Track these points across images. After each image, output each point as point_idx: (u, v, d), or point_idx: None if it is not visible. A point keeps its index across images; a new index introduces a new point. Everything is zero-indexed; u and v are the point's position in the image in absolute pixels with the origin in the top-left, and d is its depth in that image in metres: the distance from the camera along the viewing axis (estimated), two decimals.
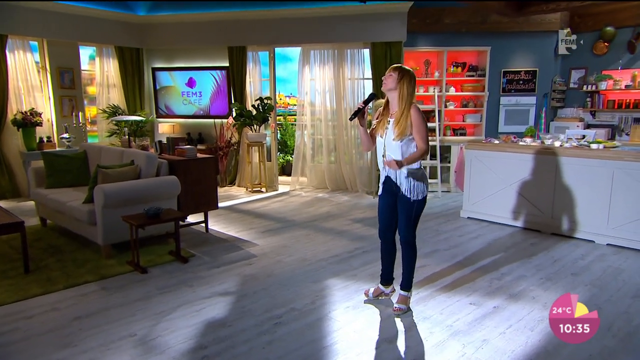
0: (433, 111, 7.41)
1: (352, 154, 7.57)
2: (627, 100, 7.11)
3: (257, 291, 3.59)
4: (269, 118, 7.56)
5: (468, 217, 5.85)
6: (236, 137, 7.94)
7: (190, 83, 8.25)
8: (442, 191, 7.22)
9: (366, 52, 7.33)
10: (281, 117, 10.00)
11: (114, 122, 7.54)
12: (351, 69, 7.40)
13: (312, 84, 7.62)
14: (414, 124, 3.00)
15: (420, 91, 7.41)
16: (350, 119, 3.09)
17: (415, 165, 3.07)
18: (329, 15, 7.16)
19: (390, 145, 3.06)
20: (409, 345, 2.80)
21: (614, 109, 7.24)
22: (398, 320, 3.11)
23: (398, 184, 3.12)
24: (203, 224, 5.19)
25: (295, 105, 9.76)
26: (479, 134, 7.59)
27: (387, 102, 3.14)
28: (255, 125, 7.47)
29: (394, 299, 3.37)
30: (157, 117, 8.48)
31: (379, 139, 3.16)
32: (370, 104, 3.32)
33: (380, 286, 3.45)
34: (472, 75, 7.53)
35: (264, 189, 7.63)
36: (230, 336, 2.88)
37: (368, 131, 3.23)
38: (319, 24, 7.22)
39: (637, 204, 4.50)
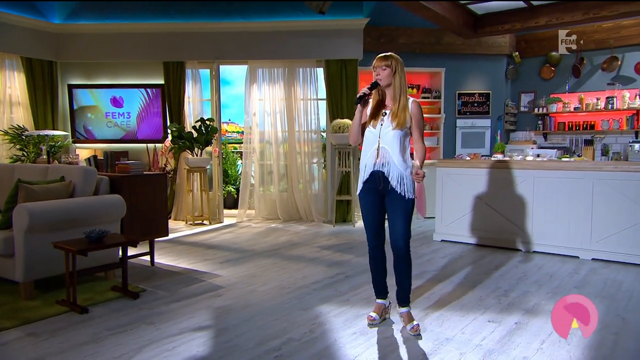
0: None
1: (306, 180, 7.31)
2: (577, 122, 7.64)
3: (238, 324, 3.11)
4: (212, 142, 7.12)
5: (442, 240, 5.76)
6: (172, 164, 7.36)
7: (117, 102, 7.61)
8: None
9: (319, 70, 7.25)
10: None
11: (18, 147, 6.62)
12: (304, 89, 7.26)
13: (261, 105, 7.35)
14: (415, 118, 3.00)
15: None
16: (355, 103, 2.98)
17: (409, 162, 2.97)
18: (279, 31, 7.04)
19: (386, 136, 2.95)
20: None
21: (565, 131, 7.74)
22: (420, 343, 2.80)
23: (390, 179, 2.94)
24: (147, 256, 4.58)
25: (234, 132, 9.39)
26: (436, 158, 7.71)
27: (379, 93, 3.02)
28: (196, 149, 6.98)
29: (396, 318, 3.08)
30: (75, 141, 7.66)
31: (371, 131, 3.02)
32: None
33: (380, 301, 3.20)
34: (428, 97, 7.72)
35: (206, 222, 7.06)
36: None
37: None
38: (268, 39, 7.06)
39: (619, 215, 4.66)
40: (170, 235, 6.08)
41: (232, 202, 8.59)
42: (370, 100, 3.07)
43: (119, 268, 3.76)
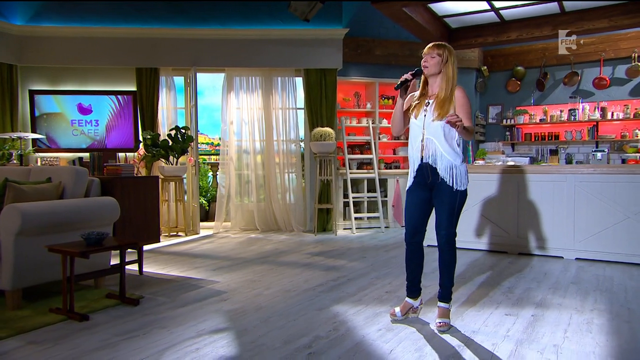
0: (367, 143, 7.51)
1: (285, 190, 7.23)
2: (542, 133, 8.04)
3: (256, 325, 2.99)
4: (189, 150, 6.92)
5: (428, 245, 5.81)
6: (143, 174, 7.06)
7: (84, 110, 7.26)
8: (384, 227, 7.17)
9: (298, 80, 7.25)
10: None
11: None
12: (282, 98, 7.23)
13: (238, 114, 7.24)
14: (459, 103, 2.88)
15: (353, 122, 7.50)
16: (396, 88, 2.92)
17: (458, 151, 2.89)
18: (258, 39, 7.00)
19: (430, 126, 2.88)
20: (483, 357, 2.49)
21: (531, 141, 8.12)
22: (450, 335, 2.80)
23: (438, 170, 2.88)
24: (134, 265, 4.33)
25: (203, 143, 9.19)
26: None
27: (425, 83, 2.99)
28: (171, 158, 6.75)
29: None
30: (36, 150, 7.21)
31: (414, 122, 2.96)
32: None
33: (409, 300, 3.11)
34: None
35: (182, 233, 6.80)
36: None
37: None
38: (246, 47, 6.99)
39: (599, 216, 4.90)
40: (149, 247, 5.81)
41: (203, 214, 8.36)
42: (417, 90, 3.02)
43: (116, 273, 3.53)
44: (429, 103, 2.92)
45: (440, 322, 2.90)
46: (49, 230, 3.32)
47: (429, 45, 2.95)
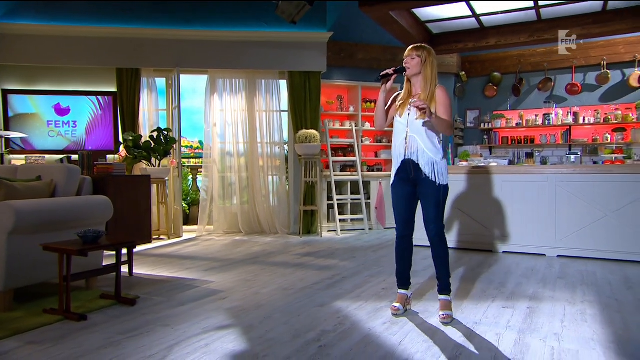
0: (350, 146, 7.58)
1: (269, 192, 7.21)
2: (518, 137, 8.29)
3: (262, 321, 2.98)
4: (171, 152, 6.82)
5: (415, 245, 5.89)
6: None
7: (61, 111, 7.08)
8: (368, 229, 7.23)
9: (282, 82, 7.28)
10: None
11: None
12: (266, 100, 7.23)
13: (222, 116, 7.20)
14: (440, 102, 3.03)
15: (336, 125, 7.56)
16: (376, 80, 3.05)
17: (439, 148, 3.03)
18: (242, 41, 6.99)
19: (414, 125, 3.01)
20: (489, 347, 2.56)
21: (508, 145, 8.36)
22: (455, 326, 2.87)
23: (421, 166, 3.00)
24: (124, 266, 4.24)
25: (185, 146, 9.08)
26: None
27: (408, 83, 3.11)
28: (154, 160, 6.64)
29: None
30: (10, 152, 6.98)
31: (399, 120, 3.09)
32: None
33: (403, 291, 3.22)
34: None
35: (164, 236, 6.69)
36: None
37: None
38: (230, 49, 6.97)
39: (579, 214, 5.08)
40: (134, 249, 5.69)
41: (184, 218, 8.23)
42: (400, 93, 3.14)
43: (111, 273, 3.45)
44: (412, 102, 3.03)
45: (443, 315, 2.97)
46: (42, 228, 3.23)
47: (409, 48, 3.10)
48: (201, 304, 3.38)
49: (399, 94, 3.19)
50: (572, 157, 7.60)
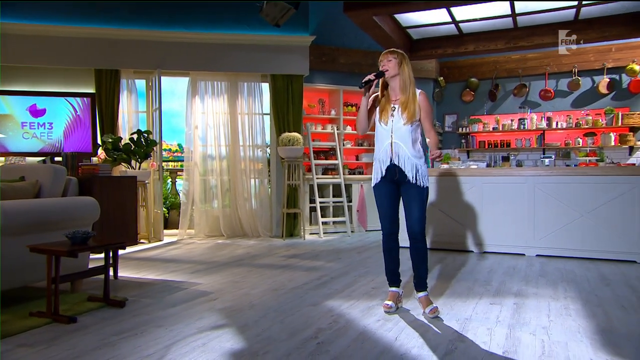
0: (332, 149, 7.64)
1: (251, 195, 7.20)
2: (495, 141, 8.50)
3: (256, 320, 2.99)
4: (152, 155, 6.74)
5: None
6: None
7: (37, 112, 6.91)
8: (350, 231, 7.29)
9: (264, 85, 7.29)
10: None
11: None
12: (248, 103, 7.23)
13: (203, 118, 7.16)
14: (423, 109, 3.14)
15: (317, 129, 7.61)
16: (359, 87, 3.08)
17: (421, 151, 3.14)
18: (224, 43, 6.98)
19: (399, 131, 3.09)
20: (483, 340, 2.63)
21: (485, 149, 8.56)
22: (447, 322, 2.94)
23: (405, 171, 3.09)
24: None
25: (164, 149, 8.98)
26: None
27: (385, 87, 3.18)
28: (134, 162, 6.55)
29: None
30: None
31: (382, 127, 3.16)
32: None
33: (394, 289, 3.29)
34: None
35: (144, 240, 6.59)
36: None
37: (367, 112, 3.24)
38: (211, 51, 6.95)
39: (556, 215, 5.26)
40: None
41: (163, 222, 8.12)
42: (378, 94, 3.21)
43: (99, 275, 3.40)
44: (395, 108, 3.12)
45: (431, 309, 3.05)
46: (29, 229, 3.16)
47: (383, 53, 3.19)
48: (192, 305, 3.37)
49: (377, 95, 3.26)
50: (547, 160, 7.83)
